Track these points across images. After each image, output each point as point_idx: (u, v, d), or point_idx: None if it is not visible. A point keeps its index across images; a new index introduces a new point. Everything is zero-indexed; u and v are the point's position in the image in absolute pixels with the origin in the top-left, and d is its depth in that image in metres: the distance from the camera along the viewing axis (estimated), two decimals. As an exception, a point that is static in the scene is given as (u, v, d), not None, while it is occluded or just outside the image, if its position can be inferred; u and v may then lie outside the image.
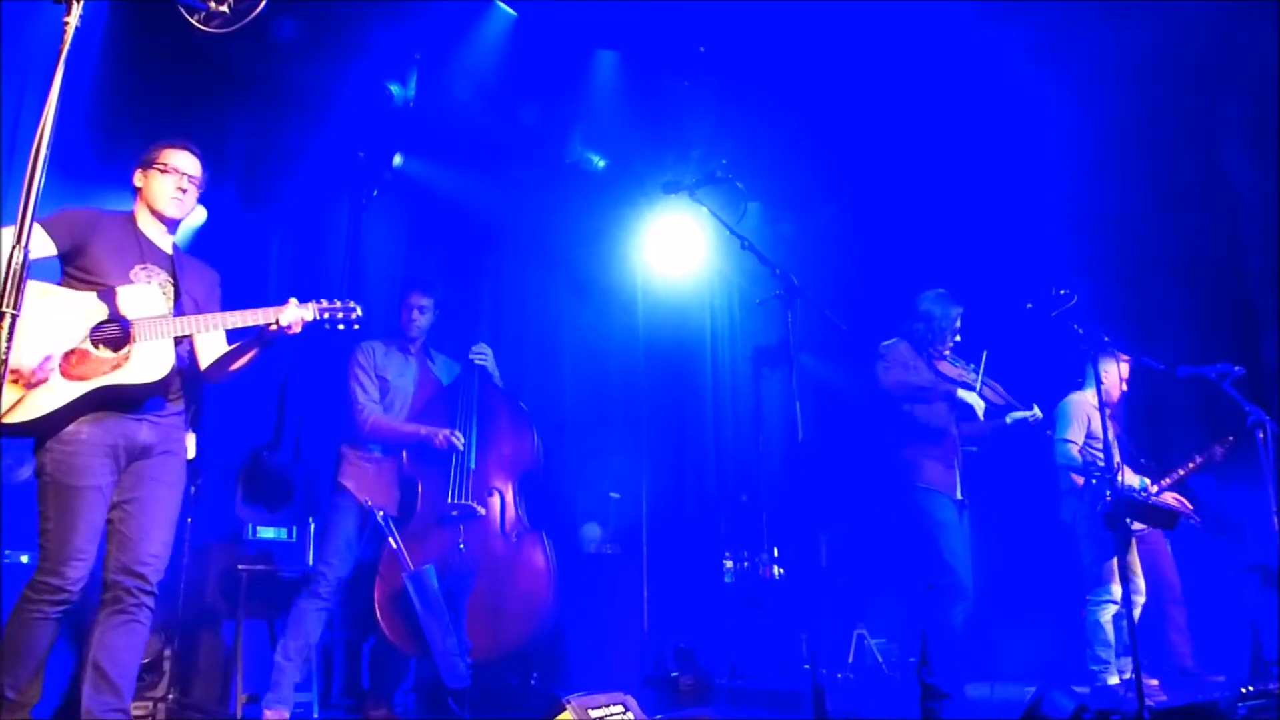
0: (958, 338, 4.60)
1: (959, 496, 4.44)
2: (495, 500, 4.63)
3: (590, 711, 3.29)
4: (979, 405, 4.36)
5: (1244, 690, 4.12)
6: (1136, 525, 5.30)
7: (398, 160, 6.24)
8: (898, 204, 7.42)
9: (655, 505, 6.68)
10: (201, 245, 5.40)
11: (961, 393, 4.36)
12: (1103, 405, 4.88)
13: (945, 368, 4.53)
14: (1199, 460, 5.41)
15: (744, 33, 6.37)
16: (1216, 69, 6.17)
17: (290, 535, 5.05)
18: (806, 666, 3.22)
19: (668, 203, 4.40)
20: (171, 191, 3.22)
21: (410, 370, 4.77)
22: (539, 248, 6.91)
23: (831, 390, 7.24)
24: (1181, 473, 5.43)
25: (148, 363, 3.00)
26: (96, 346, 2.98)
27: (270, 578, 4.76)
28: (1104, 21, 5.99)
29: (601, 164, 6.93)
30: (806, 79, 6.68)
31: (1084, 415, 5.23)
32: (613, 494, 6.40)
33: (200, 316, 3.11)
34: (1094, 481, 5.12)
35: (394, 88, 5.97)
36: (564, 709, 3.27)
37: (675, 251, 6.79)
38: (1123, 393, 5.53)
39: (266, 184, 5.75)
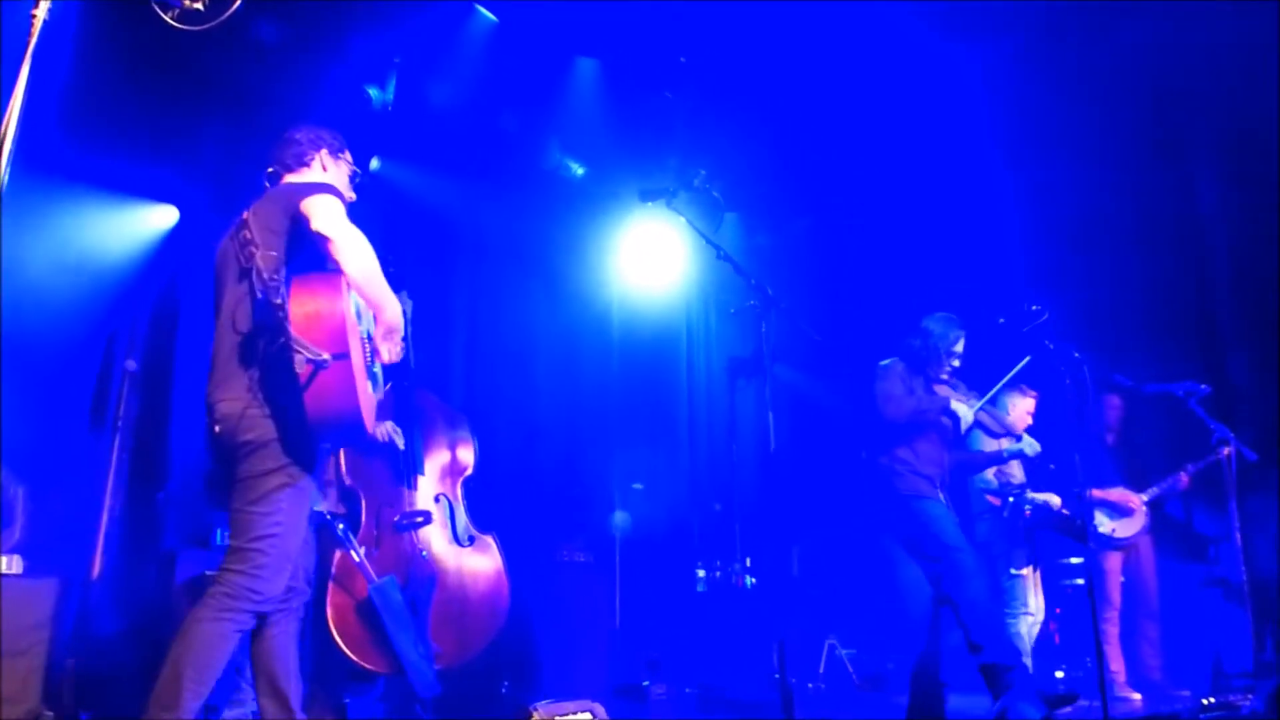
0: (956, 362, 4.54)
1: (942, 499, 4.43)
2: (443, 505, 4.59)
3: (557, 718, 3.28)
4: (966, 416, 4.35)
5: (1205, 702, 4.18)
6: (1120, 532, 5.47)
7: (375, 164, 6.20)
8: (873, 218, 7.48)
9: (629, 513, 6.68)
10: (172, 247, 5.37)
11: (954, 404, 4.35)
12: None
13: (943, 391, 4.50)
14: (1182, 475, 5.51)
15: (724, 45, 6.41)
16: (1186, 88, 6.28)
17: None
18: (777, 676, 3.22)
19: (645, 211, 4.40)
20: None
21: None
22: (516, 254, 6.90)
23: (806, 401, 7.28)
24: (1171, 483, 5.54)
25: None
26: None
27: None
28: (1074, 40, 6.07)
29: (580, 171, 6.94)
30: (786, 93, 6.73)
31: (989, 446, 5.24)
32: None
33: None
34: (1010, 500, 5.21)
35: (372, 91, 5.94)
36: (531, 717, 3.26)
37: (652, 260, 6.80)
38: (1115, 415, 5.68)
39: (241, 187, 5.70)
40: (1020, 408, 5.28)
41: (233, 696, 4.17)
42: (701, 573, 6.52)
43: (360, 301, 2.89)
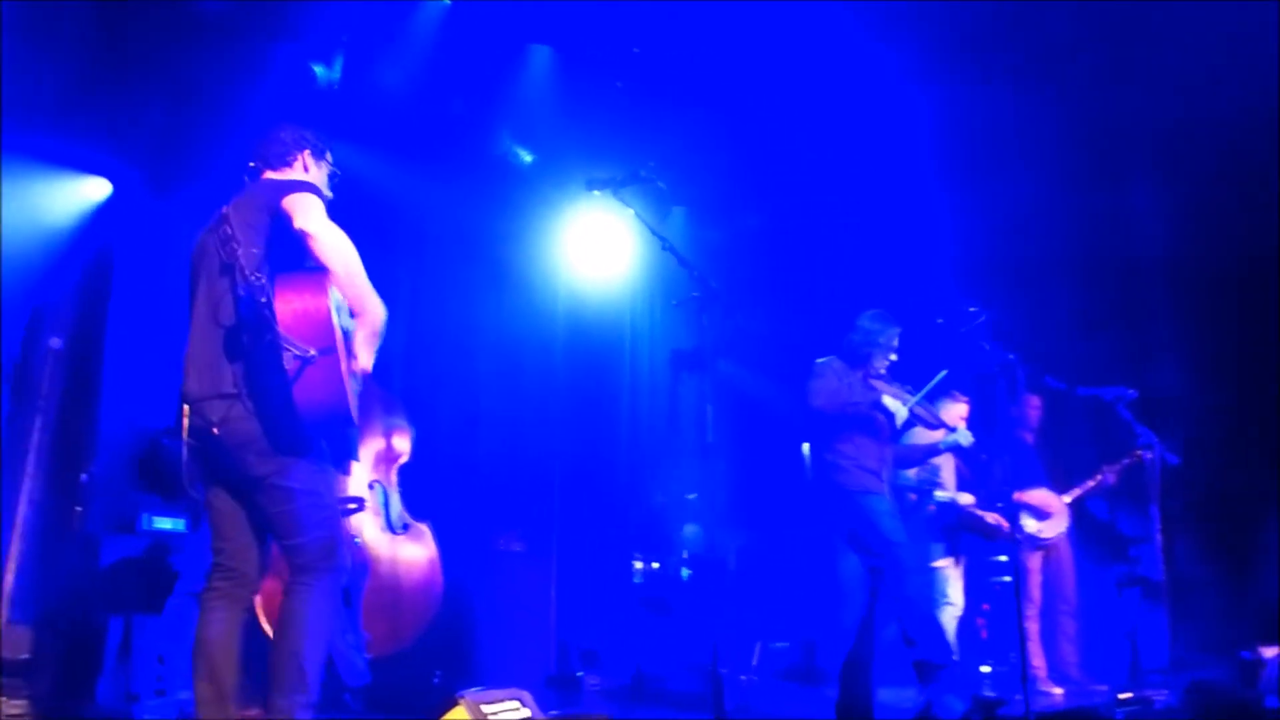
0: (894, 357, 4.61)
1: (888, 497, 4.48)
2: (377, 492, 4.54)
3: (484, 707, 3.27)
4: (900, 412, 4.41)
5: (1122, 696, 4.31)
6: (1045, 532, 5.63)
7: (319, 144, 6.09)
8: (819, 218, 7.56)
9: (568, 504, 6.67)
10: (103, 227, 5.20)
11: (886, 398, 4.41)
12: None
13: (880, 386, 4.56)
14: (1100, 478, 5.68)
15: (678, 38, 6.41)
16: (1122, 97, 6.43)
17: (188, 526, 4.88)
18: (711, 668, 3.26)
19: (592, 201, 4.39)
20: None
21: None
22: (460, 239, 6.83)
23: (747, 396, 7.33)
24: (1090, 485, 5.69)
25: None
26: None
27: (164, 570, 4.59)
28: (1014, 47, 6.18)
29: (529, 159, 6.89)
30: (739, 90, 6.77)
31: (926, 439, 5.36)
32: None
33: None
34: (912, 498, 5.34)
35: (318, 69, 5.83)
36: (458, 705, 3.24)
37: (598, 251, 6.78)
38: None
39: (178, 166, 5.56)
40: (953, 413, 5.38)
41: (155, 686, 4.08)
42: (639, 564, 6.54)
43: (339, 298, 2.90)
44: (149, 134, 5.36)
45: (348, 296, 2.89)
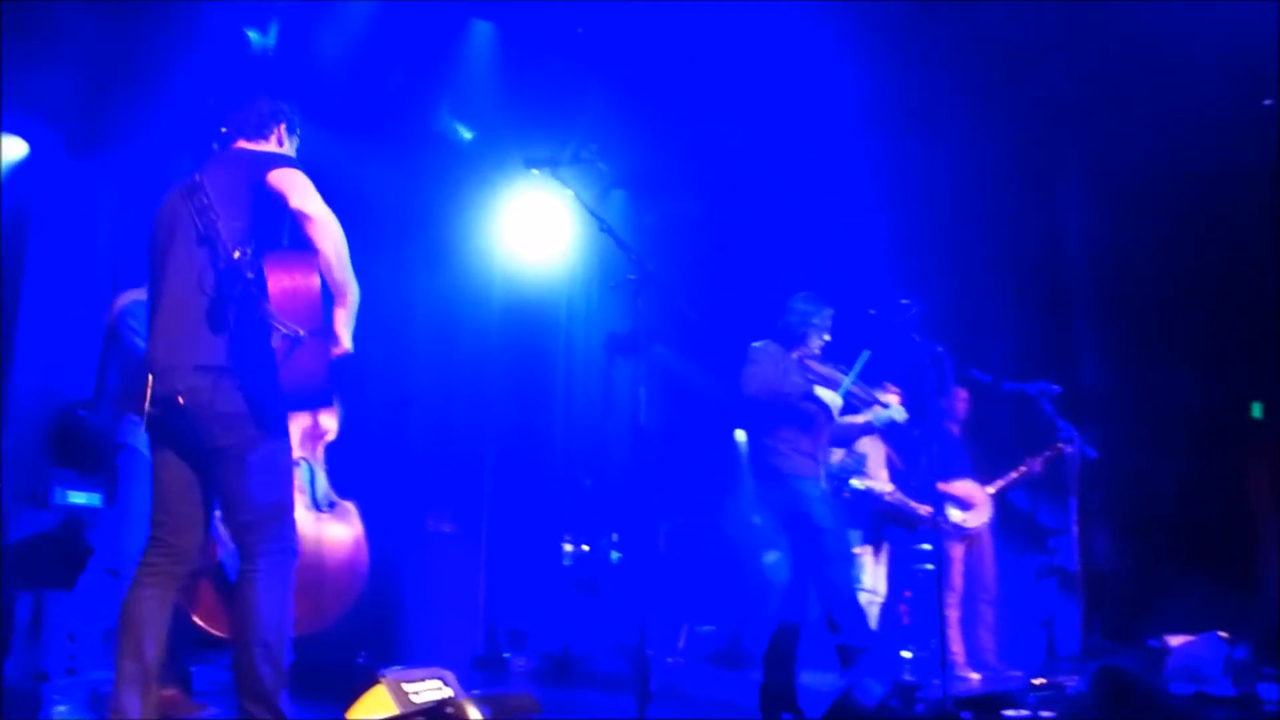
0: (827, 337, 4.63)
1: (823, 485, 4.53)
2: (302, 470, 4.46)
3: (405, 686, 3.23)
4: (836, 403, 4.44)
5: (1036, 682, 4.44)
6: (970, 522, 5.74)
7: (252, 111, 5.93)
8: (758, 205, 7.61)
9: (499, 485, 6.63)
10: (19, 189, 5.00)
11: (819, 389, 4.44)
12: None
13: (815, 366, 4.59)
14: (1023, 469, 5.82)
15: (623, 20, 6.37)
16: (1054, 99, 6.58)
17: (103, 501, 4.73)
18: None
19: (531, 180, 4.34)
20: None
21: None
22: (396, 215, 6.71)
23: (680, 380, 7.36)
24: (1013, 476, 5.83)
25: None
26: None
27: (77, 546, 4.45)
28: (950, 46, 6.26)
29: (469, 136, 6.80)
30: (681, 75, 6.75)
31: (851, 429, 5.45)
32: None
33: None
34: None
35: (252, 34, 5.67)
36: (379, 684, 3.20)
37: (536, 231, 6.73)
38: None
39: (101, 129, 5.37)
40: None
41: (66, 665, 3.96)
42: (569, 547, 6.54)
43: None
44: (70, 95, 5.17)
45: (333, 279, 2.87)
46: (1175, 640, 4.58)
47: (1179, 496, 6.17)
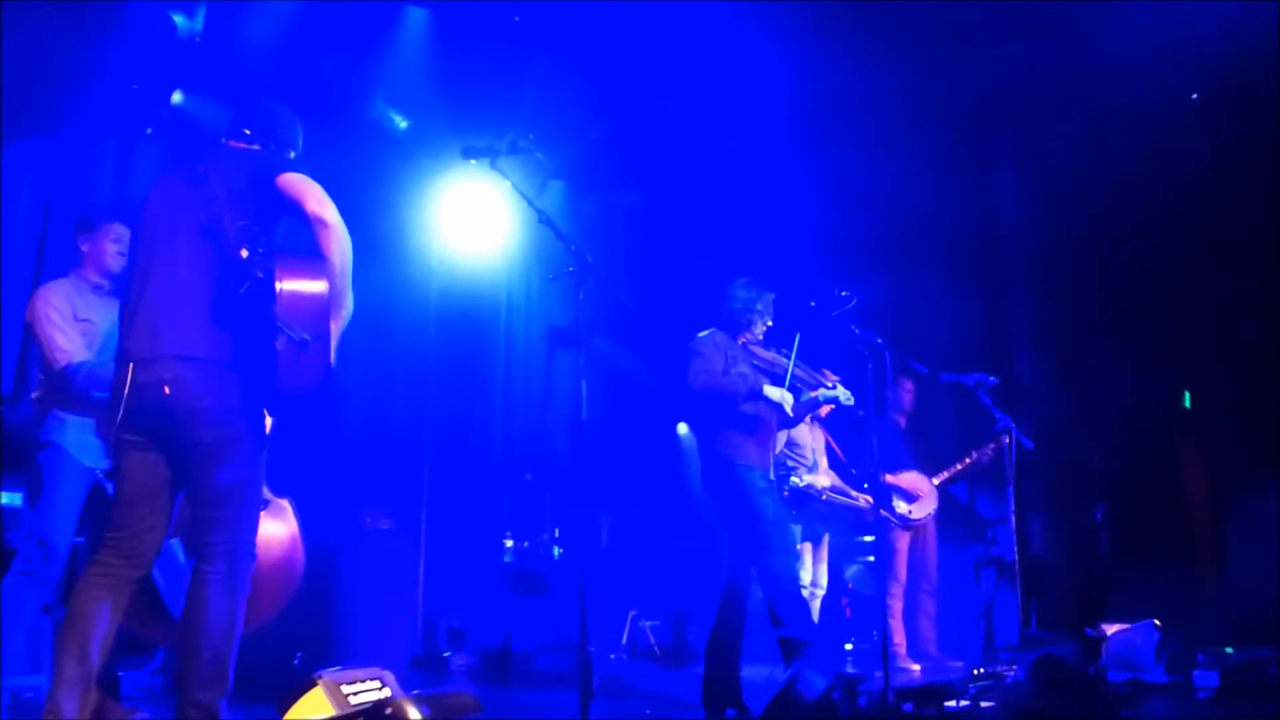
0: (770, 322, 4.62)
1: (771, 477, 4.51)
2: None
3: (343, 687, 3.14)
4: (787, 401, 4.43)
5: (976, 672, 4.48)
6: (916, 514, 5.85)
7: (177, 97, 5.78)
8: (698, 197, 7.61)
9: (437, 481, 6.53)
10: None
11: (769, 389, 4.41)
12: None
13: (759, 352, 4.57)
14: (969, 461, 5.90)
15: (561, 8, 6.29)
16: (993, 99, 6.66)
17: (24, 502, 4.54)
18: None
19: (468, 170, 4.25)
20: None
21: (113, 312, 4.20)
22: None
23: (621, 373, 7.31)
24: (959, 468, 5.90)
25: None
26: None
27: (-7, 545, 4.26)
28: (890, 41, 6.29)
29: (404, 125, 6.68)
30: (621, 66, 6.71)
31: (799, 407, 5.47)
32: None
33: None
34: (786, 490, 5.48)
35: (178, 19, 5.52)
36: (315, 685, 3.11)
37: (474, 222, 6.64)
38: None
39: (21, 116, 5.15)
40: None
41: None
42: (510, 542, 6.46)
43: None
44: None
45: (334, 288, 2.85)
46: (1111, 629, 4.65)
47: (1114, 486, 6.29)
